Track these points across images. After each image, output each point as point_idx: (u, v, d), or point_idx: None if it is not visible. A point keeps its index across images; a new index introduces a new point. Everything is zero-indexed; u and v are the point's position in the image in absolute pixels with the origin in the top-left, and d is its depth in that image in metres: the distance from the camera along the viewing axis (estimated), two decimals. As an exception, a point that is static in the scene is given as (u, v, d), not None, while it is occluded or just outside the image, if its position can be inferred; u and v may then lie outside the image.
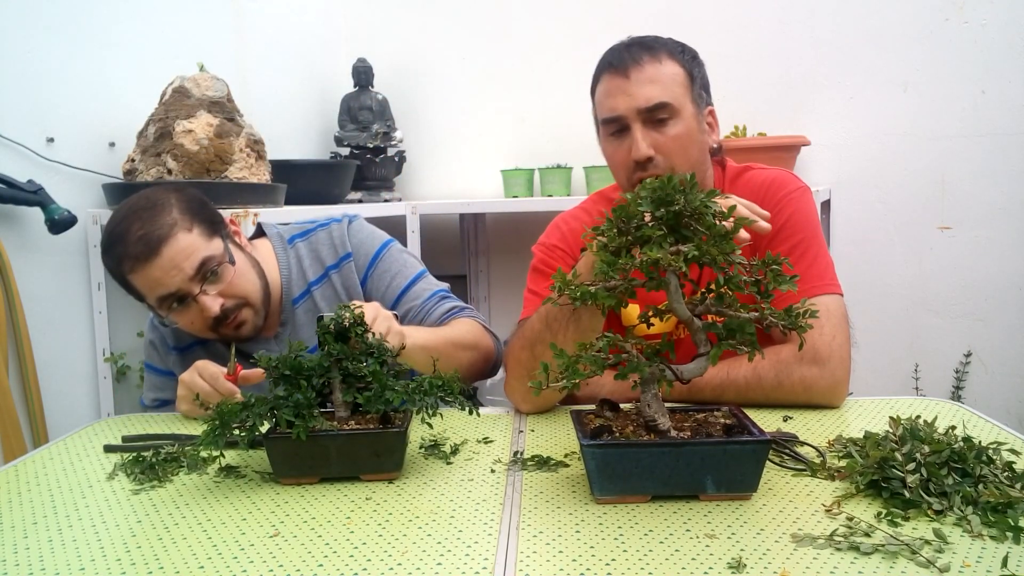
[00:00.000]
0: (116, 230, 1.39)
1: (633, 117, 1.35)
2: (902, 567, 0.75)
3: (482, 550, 0.82)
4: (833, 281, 1.37)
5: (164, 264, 1.35)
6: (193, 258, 1.37)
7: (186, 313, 1.40)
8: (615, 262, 0.92)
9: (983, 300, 2.71)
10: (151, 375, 1.63)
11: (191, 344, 1.58)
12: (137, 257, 1.35)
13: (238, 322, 1.44)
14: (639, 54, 1.37)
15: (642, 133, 1.34)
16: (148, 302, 1.42)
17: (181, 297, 1.38)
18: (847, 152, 2.78)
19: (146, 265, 1.35)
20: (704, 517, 0.88)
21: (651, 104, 1.34)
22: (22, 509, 0.99)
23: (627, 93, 1.35)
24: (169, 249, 1.35)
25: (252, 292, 1.46)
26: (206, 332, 1.44)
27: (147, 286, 1.38)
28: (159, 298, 1.38)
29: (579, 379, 0.92)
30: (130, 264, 1.36)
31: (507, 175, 2.87)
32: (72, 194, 2.17)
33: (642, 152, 1.34)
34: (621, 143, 1.38)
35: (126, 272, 1.38)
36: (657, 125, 1.35)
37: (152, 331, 1.62)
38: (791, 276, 0.93)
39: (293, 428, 1.00)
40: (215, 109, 2.26)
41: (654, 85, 1.35)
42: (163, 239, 1.35)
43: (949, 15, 2.65)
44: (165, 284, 1.36)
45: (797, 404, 1.29)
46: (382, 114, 2.93)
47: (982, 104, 2.65)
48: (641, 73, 1.35)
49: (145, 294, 1.40)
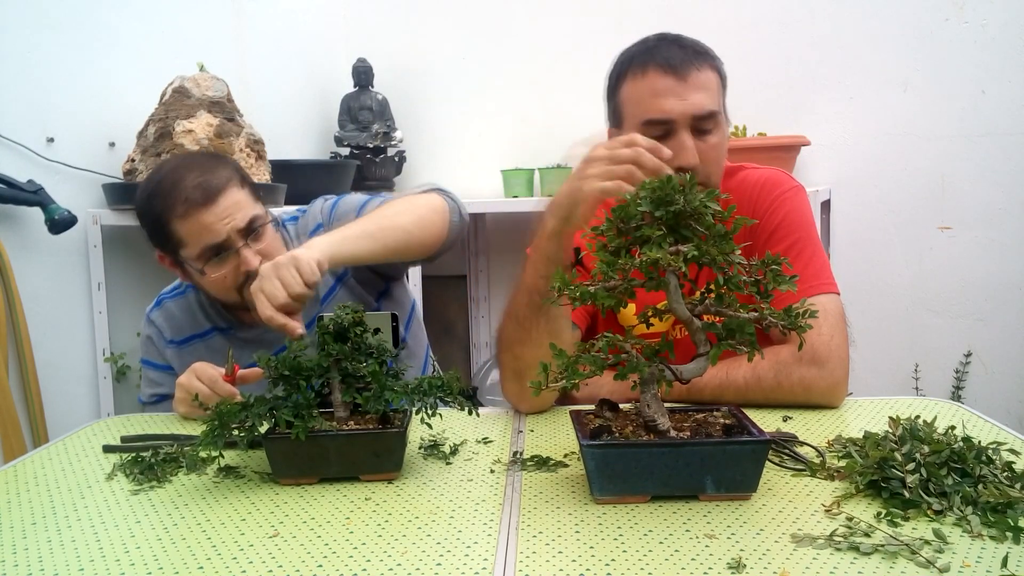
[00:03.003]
0: (170, 176, 1.41)
1: (684, 123, 1.31)
2: (902, 567, 0.75)
3: (481, 550, 0.82)
4: (829, 280, 1.37)
5: (219, 212, 1.38)
6: (244, 212, 1.41)
7: (224, 266, 1.42)
8: (614, 262, 0.92)
9: (983, 300, 2.71)
10: (148, 370, 1.63)
11: (189, 337, 1.59)
12: (194, 202, 1.37)
13: None
14: (693, 57, 1.33)
15: (691, 141, 1.31)
16: (184, 252, 1.43)
17: (224, 248, 1.40)
18: (847, 152, 2.78)
19: (201, 211, 1.38)
20: (704, 517, 0.88)
21: (703, 112, 1.31)
22: (21, 509, 0.99)
23: (681, 97, 1.30)
24: (225, 199, 1.39)
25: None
26: (232, 292, 1.45)
27: (195, 232, 1.39)
28: (204, 247, 1.40)
29: (579, 379, 0.92)
30: (183, 208, 1.38)
31: (507, 175, 2.87)
32: (72, 194, 2.17)
33: (694, 161, 1.29)
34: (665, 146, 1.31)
35: (177, 216, 1.39)
36: (701, 134, 1.32)
37: (148, 326, 1.62)
38: (791, 276, 0.93)
39: (292, 428, 1.00)
40: (215, 109, 2.26)
41: (706, 93, 1.32)
42: (221, 188, 1.39)
43: (949, 15, 2.65)
44: (215, 232, 1.39)
45: (796, 404, 1.29)
46: (382, 114, 2.93)
47: (982, 104, 2.65)
48: (696, 78, 1.31)
49: (188, 242, 1.41)
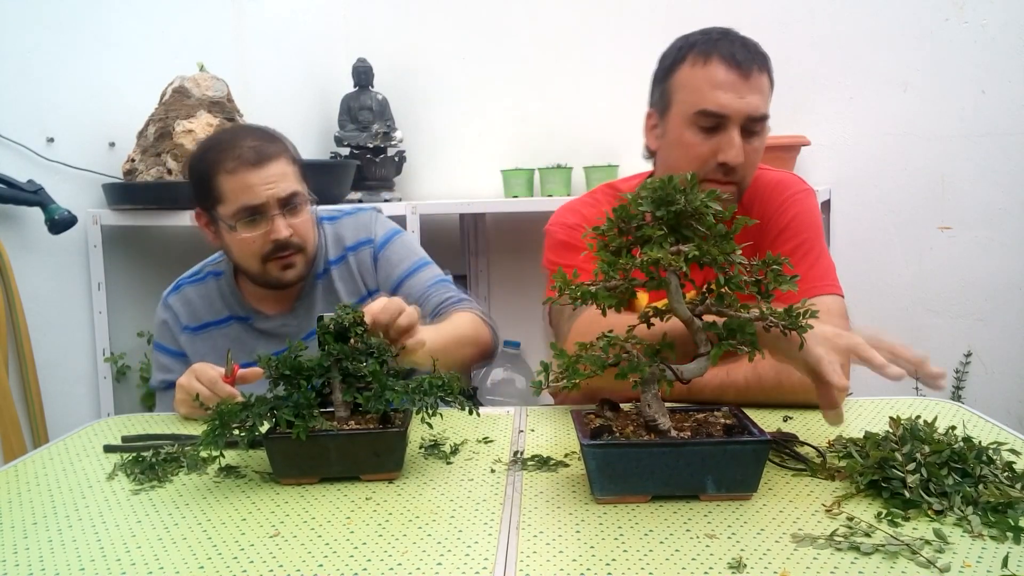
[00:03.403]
0: (227, 137, 1.50)
1: (738, 120, 1.31)
2: (902, 567, 0.75)
3: (482, 550, 0.82)
4: (834, 282, 1.38)
5: (266, 176, 1.45)
6: (288, 184, 1.47)
7: (256, 229, 1.47)
8: (616, 262, 0.92)
9: (983, 300, 2.71)
10: (160, 355, 1.65)
11: (205, 324, 1.61)
12: (246, 160, 1.44)
13: (288, 262, 1.51)
14: (755, 58, 1.33)
15: (739, 139, 1.31)
16: (221, 209, 1.47)
17: (259, 212, 1.46)
18: (847, 152, 2.77)
19: (250, 171, 1.44)
20: (704, 517, 0.88)
21: (757, 114, 1.32)
22: (22, 509, 0.99)
23: (741, 95, 1.30)
24: (275, 166, 1.46)
25: (310, 242, 1.55)
26: (257, 259, 1.49)
27: (238, 189, 1.45)
28: (242, 206, 1.45)
29: (579, 379, 0.92)
30: (234, 164, 1.44)
31: (507, 175, 2.87)
32: (72, 194, 2.17)
33: (740, 159, 1.31)
34: (709, 139, 1.32)
35: (225, 171, 1.45)
36: (749, 135, 1.33)
37: (165, 310, 1.64)
38: (791, 276, 0.93)
39: (293, 428, 1.00)
40: (215, 109, 2.27)
41: (763, 96, 1.33)
42: (273, 156, 1.47)
43: (949, 15, 2.65)
44: (256, 194, 1.44)
45: (797, 404, 1.29)
46: (382, 114, 2.93)
47: (982, 104, 2.65)
48: (758, 80, 1.32)
49: (228, 198, 1.46)
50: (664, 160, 1.43)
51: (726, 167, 1.32)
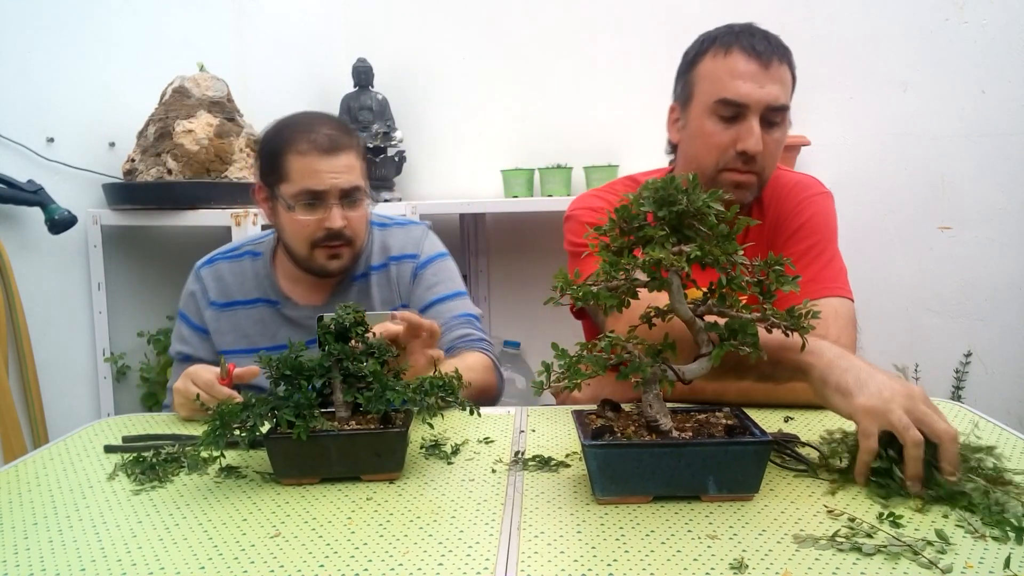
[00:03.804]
0: (305, 119, 1.52)
1: (757, 110, 1.33)
2: (904, 568, 0.75)
3: (483, 550, 0.82)
4: (845, 285, 1.38)
5: (334, 164, 1.47)
6: (353, 177, 1.50)
7: (312, 214, 1.49)
8: (617, 262, 0.92)
9: (983, 300, 2.71)
10: (182, 325, 1.66)
11: (233, 302, 1.62)
12: (319, 146, 1.47)
13: (336, 252, 1.53)
14: (776, 50, 1.36)
15: (759, 128, 1.33)
16: (283, 188, 1.49)
17: (319, 198, 1.48)
18: (847, 152, 2.77)
19: (320, 157, 1.47)
20: (706, 518, 0.88)
21: (777, 104, 1.34)
22: (22, 510, 0.99)
23: (761, 85, 1.33)
24: (345, 157, 1.49)
25: (360, 238, 1.57)
26: (307, 244, 1.51)
27: (305, 173, 1.47)
28: (304, 189, 1.47)
29: (580, 379, 0.92)
30: (307, 147, 1.47)
31: (507, 175, 2.87)
32: (72, 194, 2.17)
33: (758, 147, 1.32)
34: (729, 128, 1.35)
35: (296, 151, 1.47)
36: (769, 126, 1.35)
37: (195, 281, 1.65)
38: (793, 276, 0.93)
39: (294, 428, 1.00)
40: (215, 109, 2.26)
41: (783, 87, 1.35)
42: (345, 147, 1.50)
43: (949, 15, 2.65)
44: (321, 180, 1.47)
45: (799, 403, 1.29)
46: (382, 114, 2.93)
47: (982, 104, 2.65)
48: (778, 70, 1.34)
49: (293, 179, 1.48)
50: (685, 152, 1.44)
51: (745, 156, 1.34)
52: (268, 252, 1.64)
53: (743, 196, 1.38)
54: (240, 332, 1.59)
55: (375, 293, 1.61)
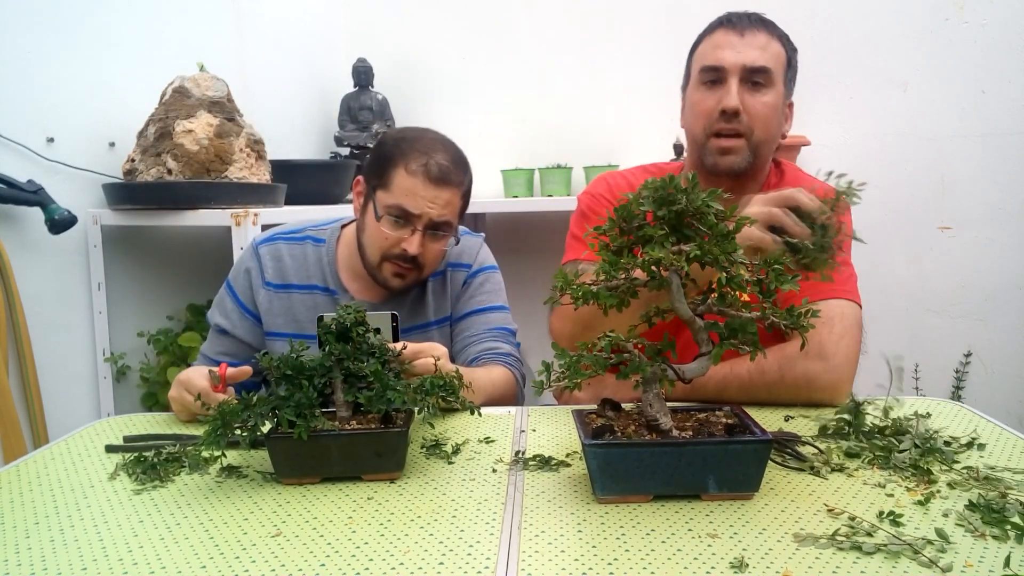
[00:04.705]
0: (430, 139, 1.52)
1: (734, 72, 1.41)
2: (904, 567, 0.75)
3: (484, 550, 0.82)
4: (854, 291, 1.40)
5: (434, 194, 1.48)
6: (446, 212, 1.50)
7: (396, 230, 1.50)
8: (617, 261, 0.92)
9: (983, 300, 2.71)
10: (228, 298, 1.64)
11: (288, 285, 1.61)
12: (429, 172, 1.47)
13: (402, 272, 1.53)
14: (757, 22, 1.46)
15: (738, 88, 1.41)
16: (381, 194, 1.51)
17: (407, 219, 1.49)
18: (847, 152, 2.77)
19: (426, 183, 1.47)
20: (706, 517, 0.88)
21: (754, 65, 1.41)
22: (24, 509, 0.99)
23: (736, 49, 1.42)
24: (447, 192, 1.49)
25: (431, 269, 1.58)
26: (378, 253, 1.52)
27: (406, 191, 1.48)
28: (397, 205, 1.48)
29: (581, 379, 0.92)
30: (418, 168, 1.48)
31: (507, 175, 2.87)
32: (72, 194, 2.17)
33: (734, 103, 1.40)
34: (712, 93, 1.43)
35: (407, 169, 1.48)
36: (752, 88, 1.42)
37: (252, 258, 1.63)
38: (793, 275, 0.93)
39: (295, 428, 1.00)
40: (215, 109, 2.26)
41: (762, 51, 1.43)
42: (450, 182, 1.49)
43: (949, 15, 2.65)
44: (415, 203, 1.48)
45: (800, 400, 1.29)
46: (382, 114, 2.93)
47: (982, 104, 2.65)
48: (755, 36, 1.43)
49: (392, 191, 1.49)
50: (685, 127, 1.52)
51: (726, 114, 1.40)
52: (332, 241, 1.64)
53: (732, 162, 1.43)
54: (291, 316, 1.58)
55: (430, 300, 1.62)
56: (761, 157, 1.45)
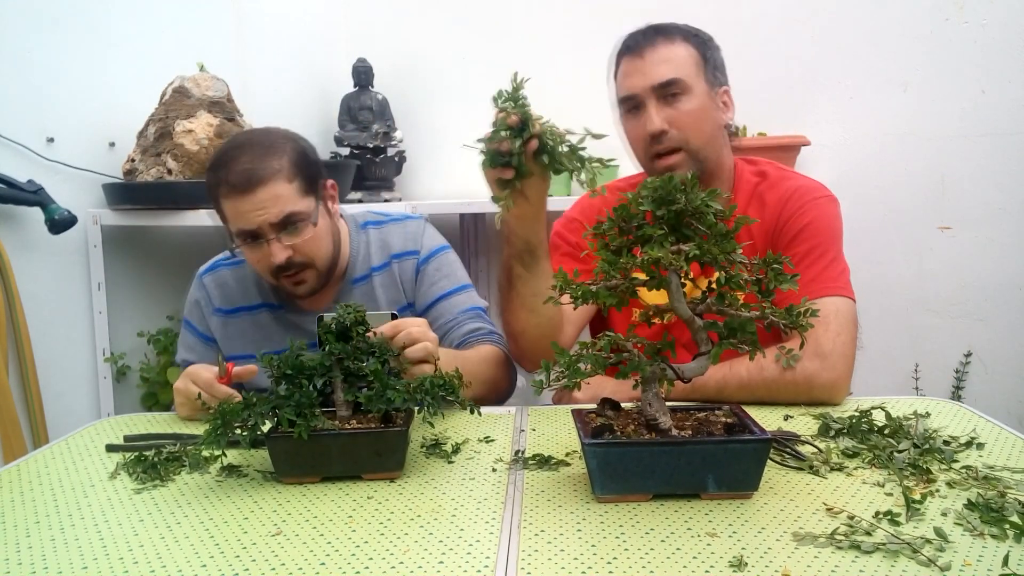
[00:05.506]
0: (227, 154, 1.44)
1: (647, 94, 1.43)
2: (903, 566, 0.75)
3: (484, 549, 0.82)
4: (846, 286, 1.40)
5: (255, 202, 1.40)
6: (281, 207, 1.42)
7: (255, 252, 1.46)
8: (616, 261, 0.93)
9: (983, 300, 2.71)
10: (187, 333, 1.64)
11: (236, 308, 1.60)
12: (234, 187, 1.41)
13: (298, 279, 1.48)
14: (653, 37, 1.46)
15: (656, 108, 1.43)
16: (229, 226, 1.47)
17: (255, 236, 1.43)
18: (847, 152, 2.77)
19: (239, 198, 1.41)
20: (705, 516, 0.88)
21: (663, 80, 1.42)
22: (24, 508, 1.00)
23: (641, 72, 1.44)
24: (266, 190, 1.41)
25: (321, 257, 1.50)
26: (268, 275, 1.49)
27: (233, 215, 1.44)
28: (238, 230, 1.44)
29: (580, 378, 0.92)
30: (226, 190, 1.42)
31: (507, 175, 2.87)
32: (72, 194, 2.17)
33: (656, 125, 1.42)
34: (637, 120, 1.45)
35: (221, 195, 1.43)
36: (671, 100, 1.43)
37: (199, 289, 1.63)
38: (792, 275, 0.93)
39: (295, 427, 1.00)
40: (215, 109, 2.27)
41: (667, 64, 1.43)
42: (262, 180, 1.40)
43: (949, 15, 2.65)
44: (248, 220, 1.42)
45: (799, 399, 1.29)
46: (382, 114, 2.93)
47: (982, 104, 2.65)
48: (655, 54, 1.44)
49: (229, 219, 1.46)
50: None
51: (655, 137, 1.42)
52: None
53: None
54: (247, 338, 1.58)
55: (380, 294, 1.59)
56: (708, 159, 1.46)
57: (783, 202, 1.47)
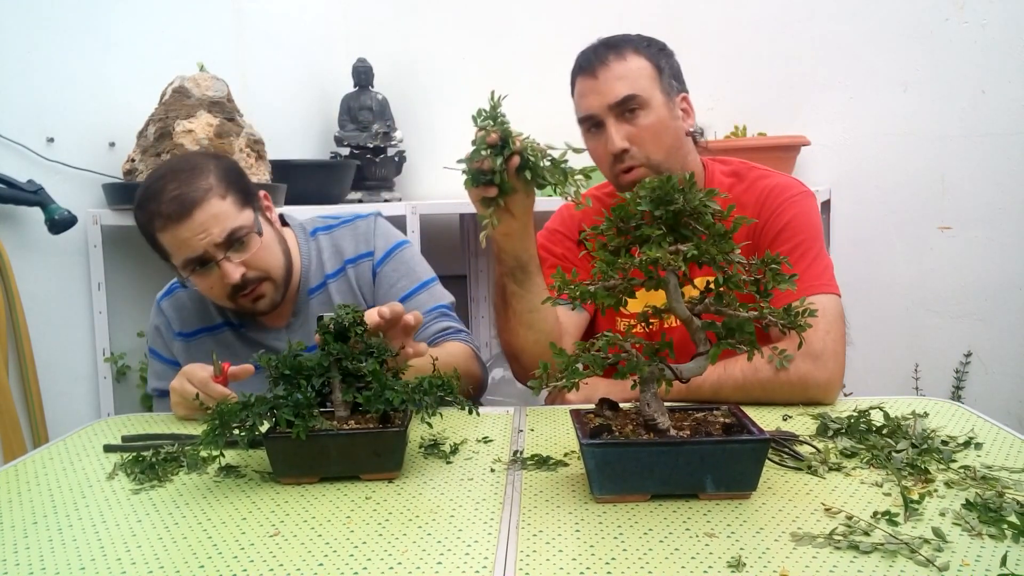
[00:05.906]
0: (152, 187, 1.40)
1: (605, 113, 1.43)
2: (901, 566, 0.75)
3: (482, 549, 0.82)
4: (831, 282, 1.39)
5: (194, 227, 1.37)
6: (223, 225, 1.38)
7: (207, 278, 1.42)
8: (614, 261, 0.93)
9: (983, 300, 2.70)
10: (155, 361, 1.62)
11: (197, 331, 1.58)
12: (169, 217, 1.36)
13: (256, 294, 1.45)
14: (605, 54, 1.45)
15: (615, 127, 1.43)
16: (172, 262, 1.44)
17: (205, 261, 1.39)
18: (847, 152, 2.77)
19: (177, 226, 1.37)
20: (704, 516, 0.88)
21: (619, 98, 1.42)
22: (22, 508, 1.00)
23: (597, 92, 1.43)
24: (201, 213, 1.37)
25: (275, 267, 1.47)
26: (224, 299, 1.45)
27: (174, 246, 1.40)
28: (184, 259, 1.40)
29: (578, 379, 0.92)
30: (161, 223, 1.38)
31: (507, 175, 2.87)
32: (72, 194, 2.17)
33: (616, 145, 1.42)
34: (599, 139, 1.45)
35: (156, 230, 1.39)
36: (629, 117, 1.43)
37: (158, 315, 1.61)
38: (790, 275, 0.93)
39: (293, 428, 1.00)
40: (215, 109, 2.26)
41: (621, 81, 1.43)
42: (196, 202, 1.37)
43: (949, 15, 2.65)
44: (192, 246, 1.38)
45: (794, 399, 1.30)
46: (382, 114, 2.93)
47: (982, 104, 2.65)
48: (608, 72, 1.43)
49: (171, 253, 1.41)
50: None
51: (617, 156, 1.43)
52: None
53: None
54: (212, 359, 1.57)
55: (336, 300, 1.54)
56: (672, 170, 1.43)
57: (760, 203, 1.46)
